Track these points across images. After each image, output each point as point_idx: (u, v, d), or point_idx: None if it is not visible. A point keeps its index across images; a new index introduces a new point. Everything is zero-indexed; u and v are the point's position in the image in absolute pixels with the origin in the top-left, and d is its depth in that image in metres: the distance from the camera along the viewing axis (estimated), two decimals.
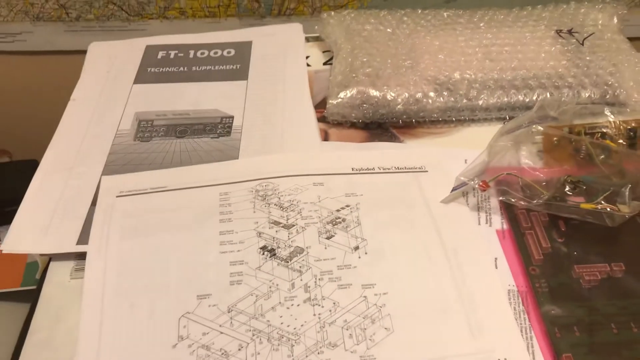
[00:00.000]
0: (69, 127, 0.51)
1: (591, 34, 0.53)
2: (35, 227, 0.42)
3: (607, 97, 0.50)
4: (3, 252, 0.41)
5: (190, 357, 0.36)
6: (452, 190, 0.43)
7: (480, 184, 0.42)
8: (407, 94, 0.50)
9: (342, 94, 0.50)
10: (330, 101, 0.50)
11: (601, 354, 0.35)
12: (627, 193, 0.39)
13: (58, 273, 0.41)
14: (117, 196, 0.44)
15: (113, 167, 0.47)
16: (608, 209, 0.39)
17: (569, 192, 0.41)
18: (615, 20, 0.55)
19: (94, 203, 0.44)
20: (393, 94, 0.50)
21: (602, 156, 0.45)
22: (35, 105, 0.73)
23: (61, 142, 0.49)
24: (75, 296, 0.39)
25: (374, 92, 0.50)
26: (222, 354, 0.36)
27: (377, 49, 0.53)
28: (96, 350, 0.36)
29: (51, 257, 0.42)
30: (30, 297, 0.40)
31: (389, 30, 0.55)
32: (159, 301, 0.38)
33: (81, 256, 0.41)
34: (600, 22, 0.55)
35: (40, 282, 0.41)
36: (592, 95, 0.50)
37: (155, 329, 0.37)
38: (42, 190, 0.45)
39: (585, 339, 0.36)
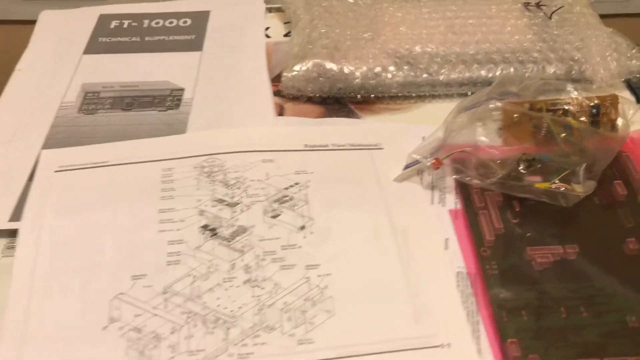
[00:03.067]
0: (11, 98, 0.49)
1: (560, 7, 0.51)
2: None
3: (573, 73, 0.48)
4: None
5: (120, 340, 0.34)
6: (405, 168, 0.41)
7: (433, 161, 0.40)
8: (365, 68, 0.48)
9: (297, 67, 0.48)
10: (285, 74, 0.48)
11: (547, 338, 0.34)
12: (581, 172, 0.37)
13: None
14: (55, 171, 0.42)
15: (54, 140, 0.45)
16: (562, 189, 0.37)
17: (523, 171, 0.39)
18: None
19: (31, 178, 0.42)
20: (351, 68, 0.48)
21: (564, 134, 0.43)
22: None
23: (2, 114, 0.47)
24: (4, 275, 0.37)
25: (331, 65, 0.47)
26: (154, 337, 0.34)
27: (337, 20, 0.51)
28: (22, 333, 0.34)
29: None
30: None
31: (350, 0, 0.53)
32: (92, 281, 0.36)
33: (14, 234, 0.39)
34: None
35: None
36: (558, 71, 0.48)
37: (86, 310, 0.35)
38: None
39: (533, 323, 0.34)
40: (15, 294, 0.36)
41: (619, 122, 0.44)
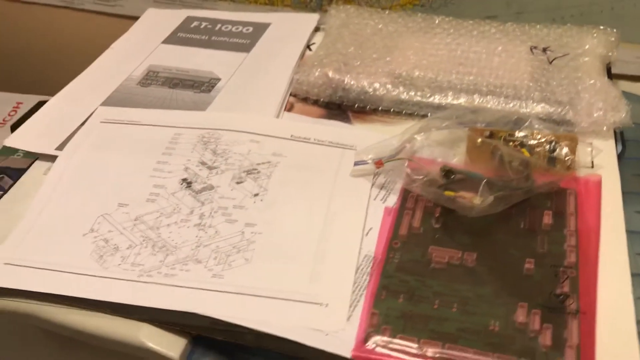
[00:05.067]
0: (97, 67, 0.63)
1: (565, 55, 0.54)
2: (31, 134, 0.54)
3: (555, 116, 0.51)
4: (5, 144, 0.54)
5: (91, 245, 0.45)
6: (355, 165, 0.48)
7: (377, 161, 0.46)
8: (365, 83, 0.55)
9: (308, 73, 0.56)
10: (297, 77, 0.57)
11: (410, 320, 0.38)
12: (482, 186, 0.41)
13: (37, 168, 0.52)
14: (100, 122, 0.55)
15: (111, 100, 0.58)
16: (462, 199, 0.41)
17: (442, 180, 0.43)
18: (601, 46, 0.55)
19: (84, 124, 0.55)
20: (352, 81, 0.55)
21: (515, 163, 0.46)
22: None
23: (85, 78, 0.61)
24: (39, 187, 0.50)
25: (334, 75, 0.55)
26: (114, 247, 0.44)
27: (357, 41, 0.58)
28: (33, 223, 0.47)
29: (37, 157, 0.53)
30: None
31: (379, 26, 0.60)
32: (89, 201, 0.48)
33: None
34: (587, 46, 0.55)
35: (22, 173, 0.53)
36: (541, 110, 0.51)
37: (78, 220, 0.47)
38: (55, 105, 0.57)
39: (404, 306, 0.39)
40: (38, 200, 0.48)
41: (575, 162, 0.47)
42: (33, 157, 0.54)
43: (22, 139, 0.54)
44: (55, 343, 0.45)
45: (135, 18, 0.90)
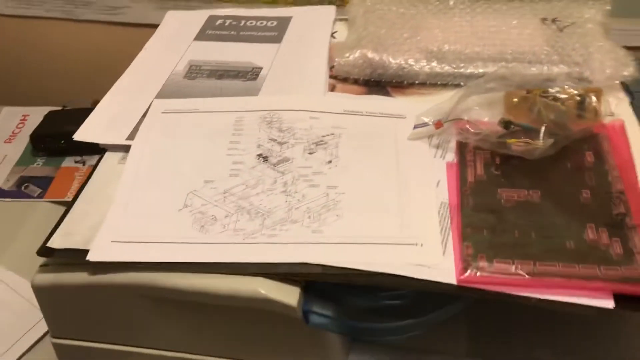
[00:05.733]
0: (139, 65, 0.66)
1: (572, 23, 0.62)
2: (99, 126, 0.57)
3: (574, 74, 0.58)
4: (74, 139, 0.56)
5: (189, 218, 0.48)
6: (414, 128, 0.54)
7: (436, 122, 0.52)
8: (401, 59, 0.61)
9: (347, 55, 0.61)
10: (337, 59, 0.62)
11: (497, 248, 0.44)
12: (542, 131, 0.48)
13: (110, 158, 0.55)
14: (162, 112, 0.59)
15: (164, 93, 0.61)
16: (527, 144, 0.48)
17: (502, 129, 0.50)
18: (600, 15, 0.63)
19: (144, 116, 0.58)
20: (389, 58, 0.61)
21: (552, 116, 0.53)
22: (128, 66, 0.89)
23: (132, 73, 0.65)
24: (118, 175, 0.53)
25: (373, 55, 0.61)
26: (212, 217, 0.48)
27: (385, 24, 0.64)
28: (126, 205, 0.50)
29: (107, 149, 0.56)
30: None
31: (401, 11, 0.66)
32: (176, 181, 0.51)
33: (128, 149, 0.55)
34: (587, 15, 0.63)
35: (95, 166, 0.55)
36: (561, 71, 0.58)
37: (169, 199, 0.50)
38: (111, 102, 0.61)
39: (489, 238, 0.45)
40: (124, 183, 0.52)
41: (602, 110, 0.54)
42: (54, 164, 0.56)
43: (91, 133, 0.57)
44: (162, 311, 0.48)
45: (140, 25, 0.94)
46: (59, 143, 0.84)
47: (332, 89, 0.62)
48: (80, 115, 0.59)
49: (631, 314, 0.45)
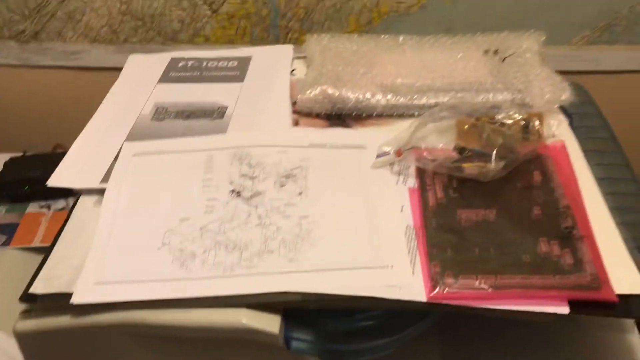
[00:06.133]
0: (106, 109, 0.68)
1: (512, 53, 0.67)
2: (72, 171, 0.59)
3: (517, 100, 0.63)
4: (48, 185, 0.58)
5: (168, 256, 0.50)
6: (377, 157, 0.57)
7: (396, 151, 0.56)
8: (359, 94, 0.65)
9: (309, 91, 0.65)
10: (300, 96, 0.65)
11: (461, 265, 0.48)
12: (493, 155, 0.52)
13: (86, 201, 0.57)
14: (133, 155, 0.60)
15: (133, 136, 0.63)
16: (481, 167, 0.52)
17: (457, 155, 0.54)
18: (536, 45, 0.69)
19: (116, 159, 0.60)
20: (348, 94, 0.65)
21: (500, 140, 0.58)
22: (88, 109, 0.90)
23: (100, 118, 0.66)
24: (95, 218, 0.55)
25: (333, 91, 0.65)
26: (191, 254, 0.50)
27: (342, 61, 0.68)
28: (106, 247, 0.51)
29: (81, 193, 0.58)
30: None
31: (354, 48, 0.71)
32: (153, 220, 0.53)
33: (102, 192, 0.57)
34: (524, 45, 0.69)
35: (70, 211, 0.57)
36: (505, 98, 0.63)
37: (148, 238, 0.52)
38: (82, 146, 0.62)
39: (453, 256, 0.49)
40: (102, 225, 0.53)
41: (544, 132, 0.59)
42: (19, 210, 0.57)
43: (65, 178, 0.58)
44: (147, 349, 0.50)
45: (98, 69, 0.95)
46: (22, 189, 0.84)
47: (296, 123, 0.65)
48: (42, 160, 0.61)
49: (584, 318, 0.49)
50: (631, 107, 0.93)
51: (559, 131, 0.61)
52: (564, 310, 0.45)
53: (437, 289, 0.46)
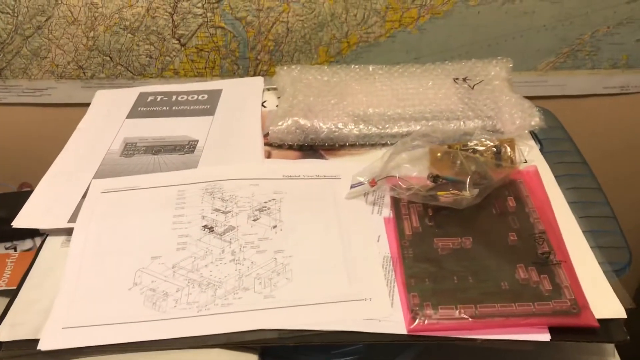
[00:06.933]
0: (73, 146, 0.66)
1: (480, 81, 0.68)
2: (38, 211, 0.57)
3: (487, 126, 0.64)
4: (14, 226, 0.56)
5: (140, 296, 0.49)
6: (351, 188, 0.57)
7: (370, 181, 0.56)
8: (331, 124, 0.64)
9: (280, 123, 0.65)
10: (272, 128, 0.65)
11: (440, 294, 0.47)
12: (467, 182, 0.52)
13: (52, 242, 0.55)
14: (101, 192, 0.59)
15: (102, 173, 0.62)
16: (455, 195, 0.52)
17: (431, 183, 0.54)
18: (504, 71, 0.70)
19: (83, 197, 0.58)
20: (320, 124, 0.64)
21: (473, 167, 0.58)
22: (55, 147, 0.88)
23: (67, 155, 0.65)
24: (63, 259, 0.53)
25: (305, 122, 0.64)
26: (163, 293, 0.49)
27: (313, 92, 0.68)
28: (74, 292, 0.49)
29: (48, 233, 0.56)
30: None
31: (325, 79, 0.71)
32: (123, 260, 0.52)
33: (70, 232, 0.55)
34: (493, 73, 0.70)
35: (37, 252, 0.55)
36: (476, 125, 0.64)
37: (118, 278, 0.50)
38: (49, 185, 0.60)
39: (432, 286, 0.48)
40: (70, 267, 0.51)
41: (516, 158, 0.59)
42: None
43: (30, 218, 0.56)
44: None
45: (64, 105, 0.93)
46: None
47: (269, 155, 0.65)
48: (8, 199, 0.59)
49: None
50: (594, 130, 0.94)
51: (530, 156, 0.61)
52: (545, 337, 0.45)
53: (417, 321, 0.45)
